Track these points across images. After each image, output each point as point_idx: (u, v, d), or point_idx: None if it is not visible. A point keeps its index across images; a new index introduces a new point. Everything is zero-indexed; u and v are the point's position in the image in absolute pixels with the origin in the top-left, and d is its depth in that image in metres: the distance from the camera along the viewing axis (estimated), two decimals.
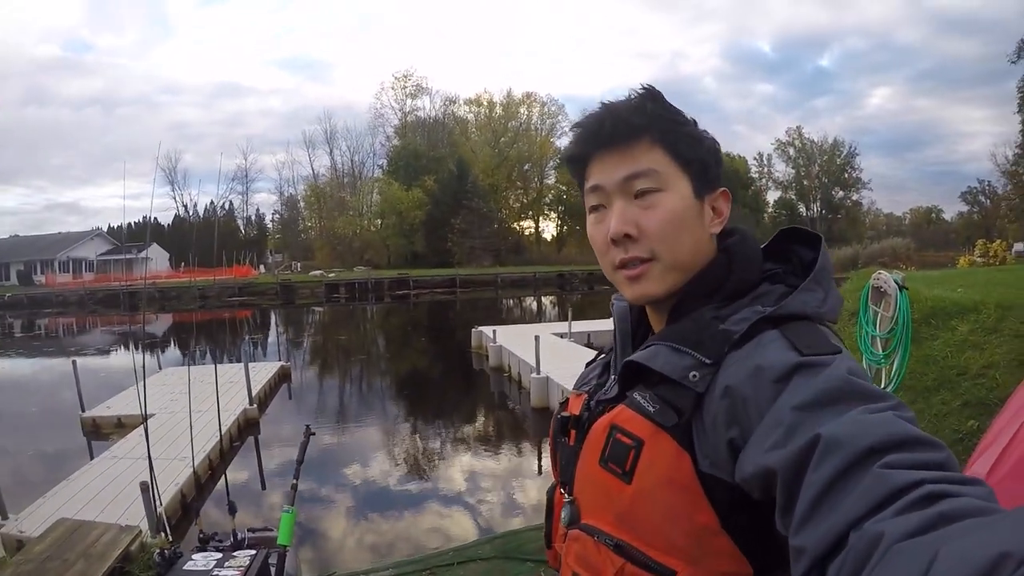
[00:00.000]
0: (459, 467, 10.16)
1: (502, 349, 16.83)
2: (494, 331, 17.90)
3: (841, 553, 0.58)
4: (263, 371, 15.06)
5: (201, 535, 3.75)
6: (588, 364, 1.24)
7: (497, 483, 9.33)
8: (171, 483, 7.73)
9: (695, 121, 1.02)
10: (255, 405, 12.02)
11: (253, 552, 3.56)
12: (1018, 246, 37.93)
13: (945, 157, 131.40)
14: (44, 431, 12.24)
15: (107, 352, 25.94)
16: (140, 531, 5.62)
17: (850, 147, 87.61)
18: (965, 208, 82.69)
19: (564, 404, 1.14)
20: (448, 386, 17.90)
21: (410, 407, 14.87)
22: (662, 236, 0.95)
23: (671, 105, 1.00)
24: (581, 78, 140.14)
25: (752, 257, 1.00)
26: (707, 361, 0.86)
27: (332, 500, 8.62)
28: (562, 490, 1.05)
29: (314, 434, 3.74)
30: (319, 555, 7.13)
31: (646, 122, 0.95)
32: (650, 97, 0.98)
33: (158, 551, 3.66)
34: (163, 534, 6.07)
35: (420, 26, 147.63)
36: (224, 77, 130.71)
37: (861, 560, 0.55)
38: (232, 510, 4.07)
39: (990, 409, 6.21)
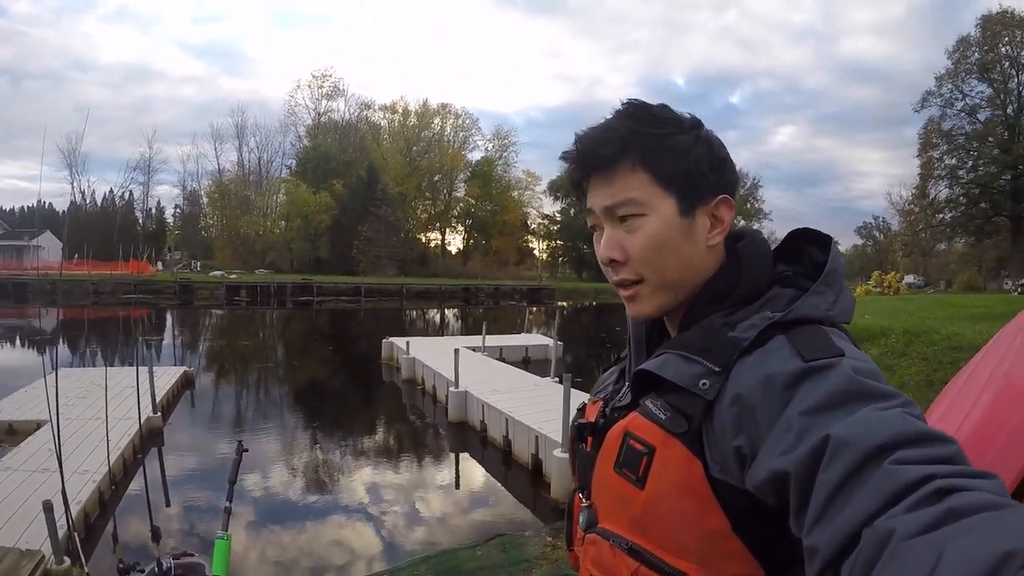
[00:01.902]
0: (379, 480, 9.91)
1: (415, 361, 16.69)
2: (407, 343, 17.61)
3: (854, 551, 0.59)
4: (165, 376, 14.34)
5: (121, 565, 3.55)
6: (605, 370, 1.25)
7: (418, 496, 9.17)
8: (73, 500, 7.22)
9: (693, 124, 1.02)
10: (159, 413, 11.49)
11: None
12: (908, 278, 40.37)
13: (842, 194, 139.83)
14: None
15: None
16: (43, 556, 5.30)
17: (754, 179, 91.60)
18: (860, 241, 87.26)
19: (581, 411, 1.16)
20: (358, 397, 17.54)
21: (320, 417, 14.39)
22: (645, 260, 0.96)
23: (656, 115, 0.99)
24: (499, 94, 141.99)
25: (761, 261, 1.00)
26: (716, 369, 0.86)
27: (244, 515, 8.36)
28: (580, 495, 1.06)
29: (247, 451, 3.55)
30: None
31: (620, 148, 0.95)
32: (628, 114, 0.99)
33: None
34: (69, 560, 5.70)
35: (343, 27, 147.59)
36: (137, 59, 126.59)
37: (873, 558, 0.56)
38: (156, 535, 3.86)
39: None
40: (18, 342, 26.88)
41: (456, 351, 13.09)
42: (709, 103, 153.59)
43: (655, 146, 0.96)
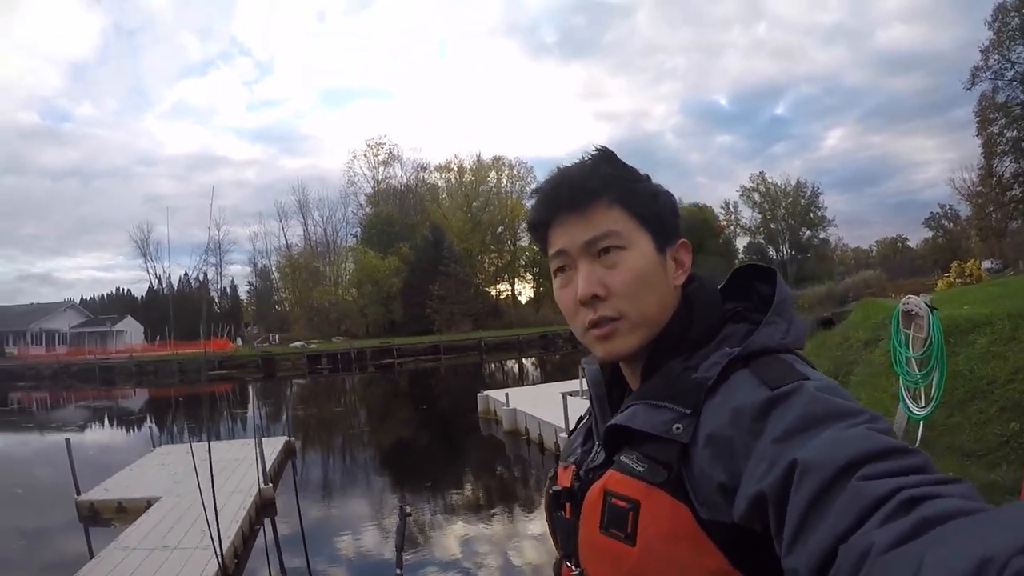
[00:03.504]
0: (503, 532, 9.76)
1: (516, 412, 16.49)
2: (506, 394, 17.60)
3: (831, 569, 0.59)
4: (268, 447, 14.03)
5: None
6: (570, 434, 1.24)
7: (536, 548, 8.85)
8: None
9: (648, 176, 1.05)
10: (270, 484, 11.08)
11: None
12: (986, 263, 39.80)
13: (903, 188, 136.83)
14: (35, 516, 11.05)
15: (85, 428, 24.64)
16: None
17: (813, 187, 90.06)
18: (929, 234, 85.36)
19: (553, 478, 1.15)
20: (463, 454, 17.44)
21: (430, 477, 14.28)
22: (627, 294, 0.96)
23: (625, 164, 1.04)
24: (547, 140, 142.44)
25: (711, 301, 1.02)
26: (687, 411, 0.87)
27: None
28: (568, 563, 1.03)
29: (410, 515, 3.15)
30: None
31: (601, 184, 0.98)
32: (604, 159, 1.02)
33: None
34: None
35: (389, 97, 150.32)
36: (199, 149, 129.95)
37: (852, 574, 0.56)
38: None
39: None
40: (112, 422, 27.15)
41: (564, 395, 12.82)
42: (755, 119, 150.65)
43: (631, 188, 1.01)
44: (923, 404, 6.52)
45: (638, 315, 0.97)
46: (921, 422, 6.54)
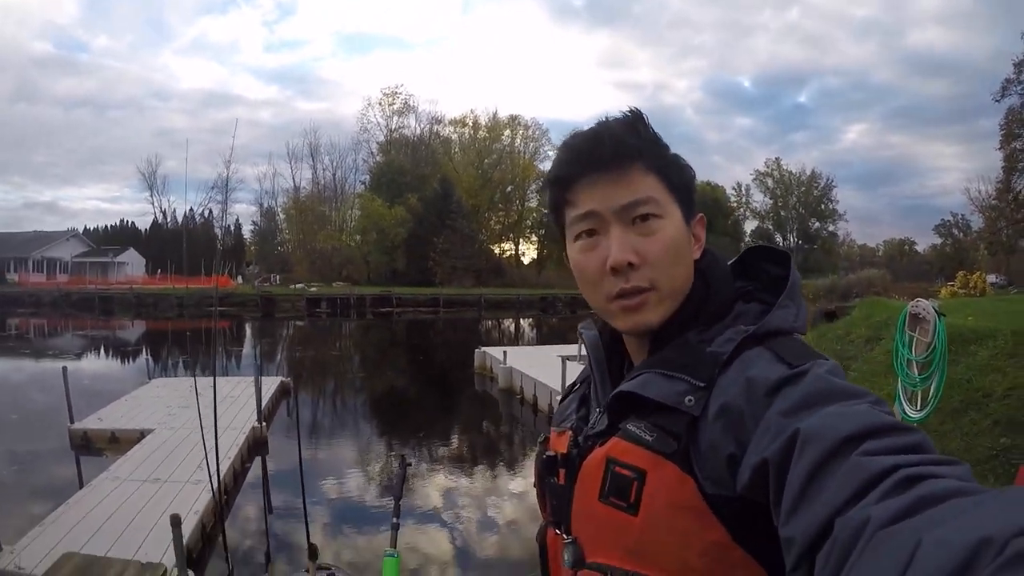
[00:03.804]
0: (487, 491, 9.87)
1: (512, 371, 16.52)
2: (504, 352, 17.58)
3: (828, 541, 0.59)
4: (264, 386, 13.92)
5: None
6: (561, 400, 1.22)
7: (522, 508, 8.90)
8: (190, 511, 6.88)
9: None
10: (263, 423, 11.20)
11: None
12: (990, 277, 39.52)
13: (917, 191, 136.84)
14: (28, 442, 11.12)
15: (81, 356, 24.75)
16: (165, 569, 4.88)
17: (827, 180, 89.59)
18: (938, 240, 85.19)
19: (545, 443, 1.13)
20: (456, 408, 17.56)
21: (422, 428, 14.35)
22: (662, 265, 0.94)
23: (657, 132, 1.00)
24: (566, 104, 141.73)
25: (725, 278, 1.01)
26: (700, 384, 0.86)
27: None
28: (557, 531, 1.02)
29: (410, 464, 3.20)
30: None
31: (641, 145, 0.95)
32: (640, 121, 0.98)
33: None
34: (193, 573, 5.31)
35: (410, 47, 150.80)
36: (215, 85, 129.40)
37: (847, 547, 0.56)
38: (313, 553, 3.36)
39: (1020, 428, 6.89)
40: (109, 353, 27.25)
41: (563, 359, 12.99)
42: (777, 104, 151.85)
43: (666, 156, 0.98)
44: (919, 407, 6.52)
45: (669, 287, 0.95)
46: (915, 425, 6.60)
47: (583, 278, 0.99)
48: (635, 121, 0.97)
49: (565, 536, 0.99)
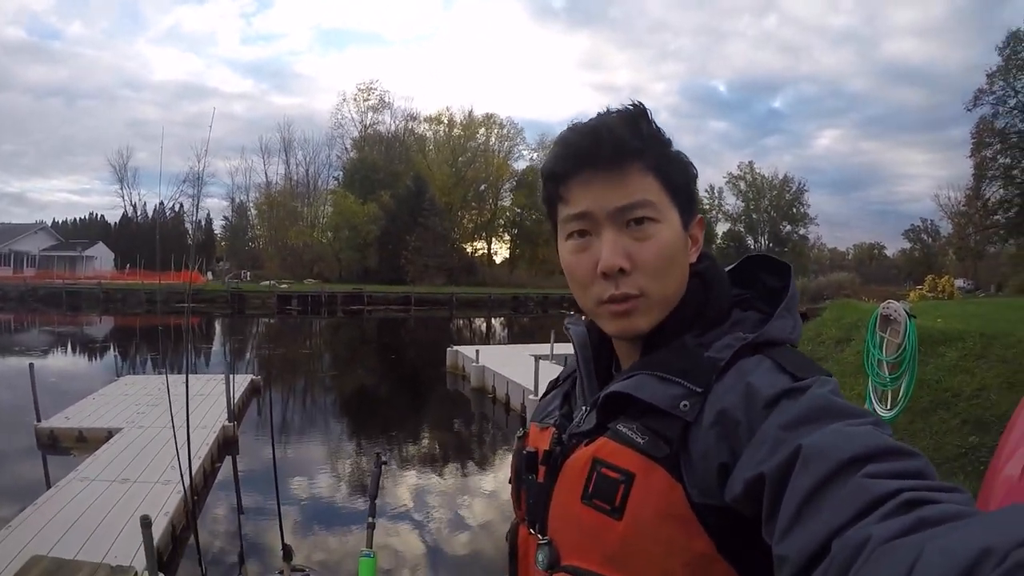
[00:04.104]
0: (460, 490, 9.89)
1: (485, 370, 16.55)
2: (476, 351, 17.58)
3: (824, 561, 0.58)
4: (234, 385, 14.00)
5: None
6: (542, 396, 1.20)
7: (494, 507, 8.97)
8: (160, 512, 6.81)
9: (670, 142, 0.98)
10: (234, 422, 11.13)
11: None
12: (958, 282, 40.18)
13: (887, 197, 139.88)
14: None
15: (48, 353, 24.35)
16: (136, 572, 4.84)
17: (799, 184, 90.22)
18: (907, 245, 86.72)
19: (523, 438, 1.10)
20: (427, 407, 17.49)
21: (394, 427, 14.36)
22: (654, 271, 0.92)
23: (660, 127, 0.96)
24: (543, 105, 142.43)
25: (724, 284, 0.99)
26: (697, 390, 0.85)
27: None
28: (531, 530, 0.99)
29: (386, 463, 3.20)
30: None
31: (642, 145, 0.91)
32: (643, 115, 0.94)
33: None
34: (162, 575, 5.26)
35: (388, 43, 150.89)
36: (188, 77, 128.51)
37: (846, 566, 0.56)
38: (287, 555, 3.36)
39: (988, 427, 6.94)
40: (76, 349, 26.90)
41: (536, 358, 13.21)
42: (752, 108, 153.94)
43: (667, 155, 0.95)
44: (889, 407, 6.63)
45: (660, 295, 0.93)
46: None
47: (573, 279, 0.97)
48: (637, 117, 0.93)
49: (540, 536, 0.96)
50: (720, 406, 0.81)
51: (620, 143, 0.90)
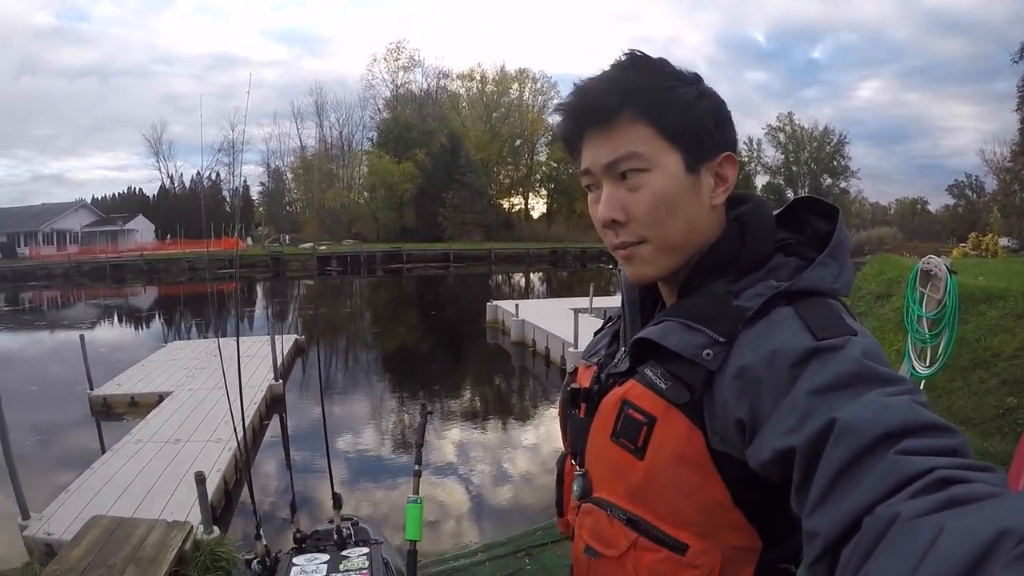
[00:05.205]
0: (502, 443, 10.03)
1: (525, 324, 16.64)
2: (516, 305, 17.68)
3: (855, 537, 0.59)
4: (279, 344, 14.25)
5: (298, 534, 3.18)
6: (596, 333, 1.23)
7: (545, 456, 9.09)
8: (212, 469, 7.04)
9: (697, 77, 0.96)
10: (280, 380, 11.40)
11: (366, 550, 3.04)
12: (1003, 240, 39.51)
13: (930, 151, 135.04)
14: (49, 412, 11.17)
15: (96, 325, 24.78)
16: (191, 527, 5.00)
17: (840, 136, 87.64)
18: (951, 201, 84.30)
19: (573, 374, 1.15)
20: (469, 361, 17.66)
21: (436, 381, 14.54)
22: (649, 220, 0.92)
23: (658, 69, 0.93)
24: (576, 57, 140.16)
25: (766, 228, 0.96)
26: (720, 339, 0.84)
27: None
28: (573, 461, 1.05)
29: (431, 412, 3.24)
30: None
31: (623, 99, 0.90)
32: (630, 65, 0.93)
33: (256, 560, 3.04)
34: (217, 529, 5.45)
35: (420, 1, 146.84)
36: (220, 48, 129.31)
37: (873, 542, 0.56)
38: (337, 503, 3.46)
39: None
40: (123, 320, 27.40)
41: (575, 311, 13.14)
42: (790, 59, 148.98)
43: (659, 99, 0.91)
44: (928, 364, 6.55)
45: (661, 241, 0.93)
46: (923, 382, 6.60)
47: (597, 228, 0.99)
48: (624, 68, 0.93)
49: (578, 468, 1.02)
50: (742, 361, 0.81)
51: (602, 96, 0.91)
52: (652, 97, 0.91)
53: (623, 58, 0.94)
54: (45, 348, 20.00)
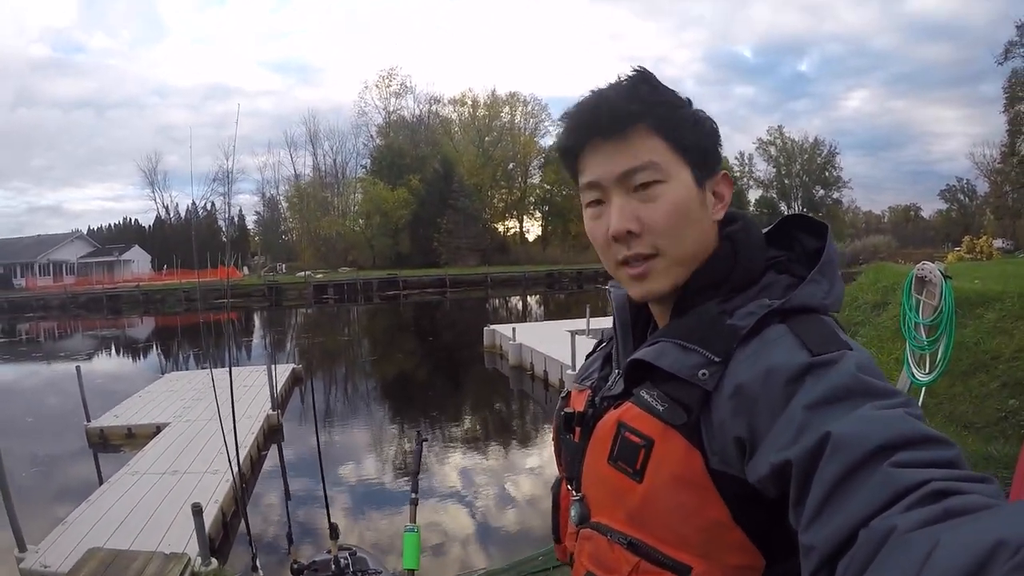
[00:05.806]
0: (503, 467, 9.97)
1: (522, 347, 16.64)
2: (513, 329, 17.67)
3: (850, 550, 0.59)
4: (274, 374, 14.22)
5: (295, 565, 3.16)
6: (588, 356, 1.22)
7: (547, 479, 8.89)
8: (210, 500, 7.01)
9: (690, 101, 0.97)
10: (278, 410, 11.34)
11: None
12: (996, 242, 39.27)
13: (920, 157, 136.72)
14: (46, 443, 11.18)
15: (93, 356, 24.79)
16: (188, 559, 4.95)
17: (830, 146, 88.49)
18: (944, 206, 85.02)
19: (566, 399, 1.13)
20: (468, 386, 17.63)
21: (435, 408, 14.54)
22: (666, 230, 0.91)
23: (666, 87, 0.95)
24: (565, 80, 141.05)
25: (756, 245, 0.97)
26: (716, 359, 0.84)
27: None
28: (568, 486, 1.05)
29: (426, 440, 3.20)
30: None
31: (642, 108, 0.91)
32: (643, 80, 0.94)
33: None
34: (215, 560, 5.39)
35: (407, 26, 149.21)
36: (214, 79, 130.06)
37: (869, 555, 0.56)
38: (334, 533, 3.44)
39: None
40: (120, 351, 27.35)
41: (572, 334, 13.17)
42: (777, 73, 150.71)
43: (672, 114, 0.93)
44: (927, 371, 6.48)
45: (676, 253, 0.93)
46: (923, 388, 6.58)
47: (595, 246, 0.99)
48: (638, 82, 0.93)
49: (575, 493, 1.00)
50: (738, 380, 0.81)
51: (619, 109, 0.91)
52: (666, 112, 0.92)
53: (635, 73, 0.95)
54: (42, 379, 19.96)
